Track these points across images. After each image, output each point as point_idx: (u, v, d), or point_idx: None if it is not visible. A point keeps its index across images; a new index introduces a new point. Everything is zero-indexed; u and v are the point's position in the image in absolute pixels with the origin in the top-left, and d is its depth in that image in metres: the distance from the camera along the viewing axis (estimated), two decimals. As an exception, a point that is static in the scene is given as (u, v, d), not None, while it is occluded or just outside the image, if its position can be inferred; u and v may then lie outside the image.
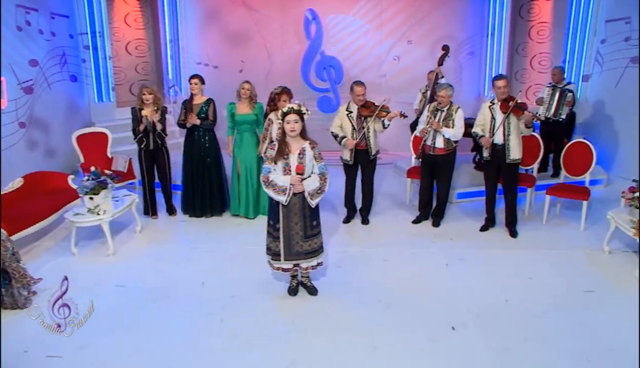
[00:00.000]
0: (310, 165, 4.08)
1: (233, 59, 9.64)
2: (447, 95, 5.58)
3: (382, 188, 7.45)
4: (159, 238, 5.73)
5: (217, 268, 4.94)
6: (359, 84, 5.68)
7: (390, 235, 5.75)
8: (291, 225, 4.14)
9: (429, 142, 5.71)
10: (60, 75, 7.86)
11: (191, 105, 6.10)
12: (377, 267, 4.96)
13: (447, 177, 5.83)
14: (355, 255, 5.22)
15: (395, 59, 9.61)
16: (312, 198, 4.07)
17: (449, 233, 5.78)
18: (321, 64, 9.53)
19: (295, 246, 4.18)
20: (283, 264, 4.25)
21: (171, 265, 5.04)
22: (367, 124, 5.71)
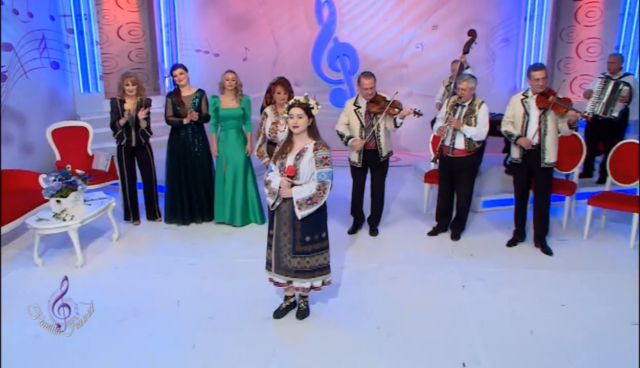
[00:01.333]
0: (308, 169, 3.84)
1: (236, 46, 9.51)
2: (469, 87, 5.30)
3: (398, 193, 7.22)
4: (137, 247, 5.59)
5: (198, 285, 4.78)
6: (367, 76, 5.44)
7: (400, 248, 5.52)
8: (280, 235, 3.96)
9: (448, 142, 5.44)
10: (40, 61, 7.80)
11: (179, 98, 5.94)
12: (381, 286, 4.73)
13: (469, 182, 5.55)
14: (357, 271, 5.01)
15: (418, 46, 9.35)
16: (300, 208, 3.83)
17: (470, 247, 5.52)
18: (334, 52, 9.33)
19: (284, 260, 3.99)
20: (274, 276, 4.07)
21: (146, 279, 4.88)
22: (376, 122, 5.47)
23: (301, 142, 3.88)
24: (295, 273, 3.98)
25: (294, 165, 3.83)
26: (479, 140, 5.36)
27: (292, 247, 3.93)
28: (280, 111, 5.62)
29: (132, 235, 5.90)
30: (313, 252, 3.96)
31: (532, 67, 5.20)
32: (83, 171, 5.39)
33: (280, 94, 5.57)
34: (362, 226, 6.00)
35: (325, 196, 3.84)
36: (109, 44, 9.39)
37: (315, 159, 3.81)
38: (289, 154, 3.88)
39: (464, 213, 5.71)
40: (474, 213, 6.40)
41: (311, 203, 3.80)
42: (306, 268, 3.97)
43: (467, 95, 5.33)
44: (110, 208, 5.58)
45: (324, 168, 3.82)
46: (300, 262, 3.95)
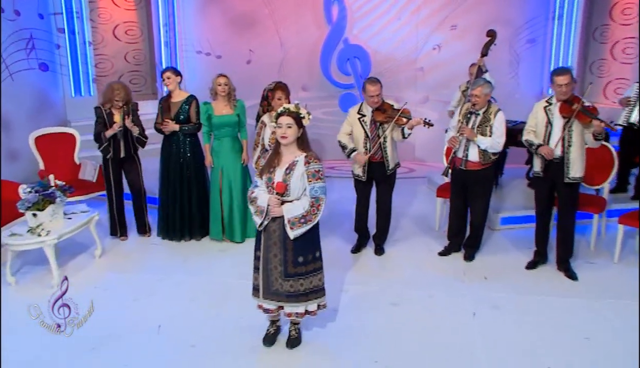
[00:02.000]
0: (299, 184, 3.73)
1: (239, 47, 9.45)
2: (483, 94, 5.14)
3: (409, 208, 7.10)
4: (122, 265, 5.52)
5: (183, 307, 4.67)
6: (373, 82, 5.32)
7: (407, 270, 5.37)
8: (269, 257, 3.84)
9: (460, 153, 5.28)
10: (27, 63, 7.81)
11: (168, 104, 5.87)
12: (382, 313, 4.57)
13: (483, 197, 5.39)
14: (357, 295, 4.87)
15: (435, 48, 9.20)
16: (293, 228, 3.72)
17: (484, 270, 5.34)
18: (345, 54, 9.22)
19: (274, 283, 3.86)
20: (263, 302, 3.94)
21: (127, 301, 4.78)
22: (383, 132, 5.32)
23: (290, 155, 3.78)
24: (287, 297, 3.85)
25: (283, 180, 3.72)
26: (494, 151, 5.19)
27: (284, 270, 3.81)
28: None
29: (117, 251, 5.83)
30: (307, 274, 3.84)
31: (555, 72, 5.01)
32: (63, 182, 5.31)
33: (282, 100, 5.48)
34: (367, 244, 5.86)
35: (320, 213, 3.73)
36: (104, 44, 9.38)
37: (307, 173, 3.71)
38: (277, 167, 3.77)
39: (479, 232, 5.53)
40: (492, 231, 6.25)
41: (304, 222, 3.70)
42: (300, 292, 3.85)
43: (481, 102, 5.17)
44: (93, 222, 5.50)
45: (317, 182, 3.71)
46: (293, 285, 3.83)
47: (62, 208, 5.26)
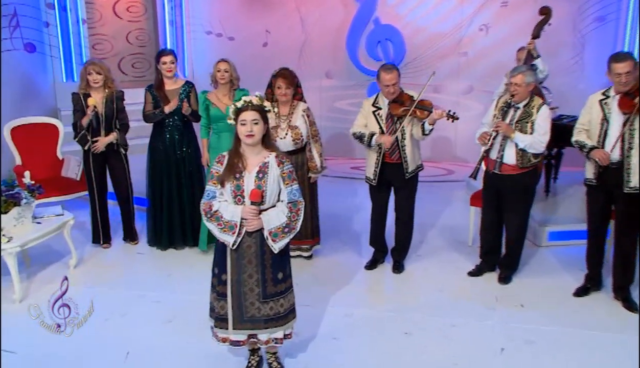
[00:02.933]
0: (274, 188, 3.62)
1: (255, 28, 9.41)
2: (525, 83, 4.87)
3: (441, 217, 6.91)
4: (98, 277, 5.46)
5: (158, 330, 4.56)
6: (388, 69, 5.13)
7: (428, 292, 5.17)
8: (243, 279, 3.67)
9: (495, 154, 5.03)
10: (10, 42, 7.85)
11: (162, 92, 5.77)
12: (391, 343, 4.37)
13: (520, 209, 5.13)
14: (363, 320, 4.69)
15: (482, 28, 8.91)
16: (275, 240, 3.60)
17: (522, 295, 5.09)
18: (375, 36, 9.07)
19: (250, 309, 3.69)
20: (231, 334, 3.76)
21: (97, 320, 4.64)
22: (400, 127, 5.10)
23: (257, 156, 3.65)
24: (266, 322, 3.72)
25: (257, 186, 3.57)
26: (535, 152, 4.92)
27: (262, 291, 3.67)
28: (283, 111, 5.42)
29: (96, 261, 5.79)
30: (286, 291, 3.78)
31: (613, 58, 4.70)
32: (32, 181, 5.26)
33: (281, 89, 5.36)
34: (385, 260, 5.67)
35: (301, 219, 3.67)
36: (103, 22, 9.40)
37: (282, 175, 3.63)
38: (244, 172, 3.62)
39: (515, 249, 5.28)
40: (537, 248, 6.02)
41: (289, 231, 3.63)
42: (280, 314, 3.75)
43: (521, 92, 4.90)
44: (67, 228, 5.45)
45: (293, 184, 3.67)
46: (273, 307, 3.72)
47: (31, 211, 5.20)
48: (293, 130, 5.35)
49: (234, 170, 3.61)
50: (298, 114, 5.40)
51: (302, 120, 5.38)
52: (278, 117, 5.41)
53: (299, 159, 5.48)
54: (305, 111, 5.41)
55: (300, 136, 5.36)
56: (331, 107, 9.25)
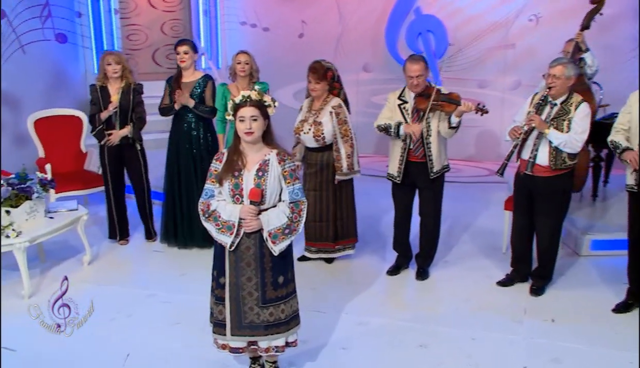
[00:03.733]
0: (275, 187, 3.54)
1: (290, 19, 9.39)
2: (564, 76, 4.64)
3: (476, 221, 6.73)
4: (110, 275, 5.48)
5: (164, 332, 4.53)
6: (414, 60, 4.96)
7: (452, 301, 4.99)
8: (241, 282, 3.60)
9: (527, 154, 4.80)
10: (41, 33, 7.99)
11: (179, 83, 5.77)
12: (404, 356, 4.21)
13: (553, 215, 4.89)
14: (377, 330, 4.55)
15: (532, 19, 8.62)
16: (275, 241, 3.52)
17: (554, 308, 4.84)
18: (415, 27, 8.85)
19: (249, 314, 3.61)
20: (230, 341, 3.69)
21: (103, 320, 4.67)
22: (427, 122, 4.93)
23: (257, 154, 3.58)
24: (266, 329, 3.63)
25: (256, 185, 3.49)
26: (571, 151, 4.68)
27: (262, 295, 3.59)
28: (315, 105, 5.35)
29: (110, 258, 5.82)
30: (287, 296, 3.69)
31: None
32: (45, 175, 5.31)
33: (311, 84, 5.30)
34: (410, 265, 5.51)
35: (303, 220, 3.60)
36: (137, 12, 9.49)
37: (283, 174, 3.55)
38: (243, 170, 3.55)
39: (547, 259, 5.04)
40: (577, 257, 5.77)
41: (289, 233, 3.55)
42: (281, 320, 3.66)
43: (559, 86, 4.67)
44: (81, 223, 5.48)
45: (295, 183, 3.59)
46: (273, 313, 3.62)
47: (43, 205, 5.24)
48: (316, 126, 5.25)
49: (233, 168, 3.55)
50: (326, 110, 5.29)
51: (328, 117, 5.27)
52: (309, 111, 5.32)
53: (324, 158, 5.39)
54: (335, 108, 5.28)
55: (321, 133, 5.25)
56: (368, 102, 9.09)
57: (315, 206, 5.45)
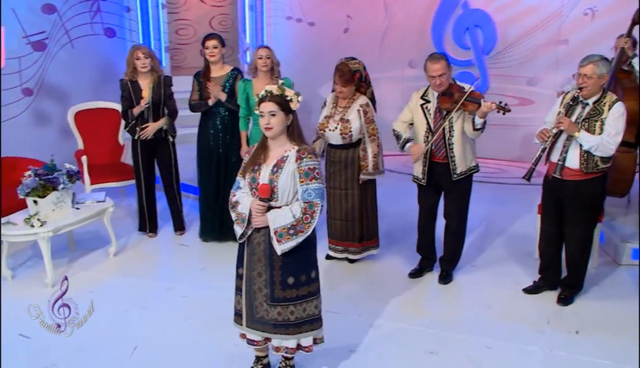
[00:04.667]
0: (289, 185, 3.48)
1: (336, 13, 9.29)
2: (596, 74, 4.37)
3: (513, 225, 6.46)
4: (134, 267, 5.53)
5: (175, 327, 4.53)
6: (434, 59, 4.79)
7: (472, 307, 4.81)
8: (252, 276, 3.60)
9: (556, 156, 4.57)
10: (90, 27, 8.15)
11: (208, 78, 5.76)
12: (410, 363, 4.08)
13: (584, 221, 4.65)
14: (389, 334, 4.43)
15: (587, 13, 8.23)
16: (280, 240, 3.46)
17: (581, 320, 4.60)
18: (463, 22, 8.67)
19: (259, 309, 3.61)
20: (247, 332, 3.72)
21: (117, 311, 4.75)
22: (450, 123, 4.77)
23: (279, 149, 3.55)
24: (274, 327, 3.61)
25: (269, 181, 3.46)
26: (603, 155, 4.42)
27: (270, 293, 3.57)
28: (342, 103, 5.28)
29: (136, 250, 5.88)
30: (299, 299, 3.60)
31: None
32: (73, 166, 5.39)
33: (337, 86, 5.20)
34: (435, 268, 5.35)
35: (314, 222, 3.47)
36: (187, 7, 9.59)
37: (298, 172, 3.47)
38: (262, 165, 3.53)
39: (576, 267, 4.79)
40: (616, 267, 5.49)
41: (295, 234, 3.45)
42: (290, 322, 3.60)
43: (591, 86, 4.41)
44: (107, 215, 5.56)
45: (310, 183, 3.47)
46: (281, 313, 3.58)
47: (70, 196, 5.33)
48: (343, 123, 5.16)
49: (255, 162, 3.56)
50: (354, 108, 5.19)
51: (355, 115, 5.17)
52: (335, 107, 5.25)
53: (348, 155, 5.29)
54: (362, 106, 5.18)
55: (349, 131, 5.15)
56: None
57: (341, 205, 5.38)
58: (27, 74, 7.53)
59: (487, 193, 7.26)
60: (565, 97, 4.65)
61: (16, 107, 7.41)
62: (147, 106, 5.71)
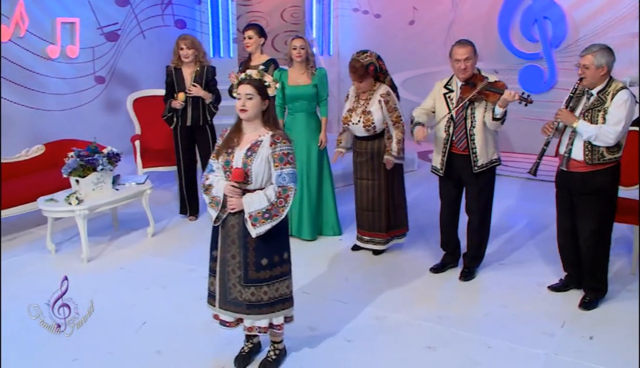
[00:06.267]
0: (262, 169, 3.51)
1: (402, 5, 9.16)
2: (594, 65, 4.14)
3: (553, 222, 5.99)
4: (166, 248, 5.71)
5: (186, 306, 4.63)
6: (461, 43, 4.64)
7: (486, 305, 4.63)
8: (226, 259, 3.64)
9: (564, 148, 4.34)
10: (161, 19, 8.46)
11: (247, 67, 5.84)
12: (405, 357, 3.96)
13: (594, 215, 4.35)
14: (391, 326, 4.33)
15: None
16: (255, 224, 3.48)
17: (599, 325, 4.30)
18: (531, 14, 8.27)
19: (232, 291, 3.65)
20: (220, 313, 3.75)
21: (140, 288, 4.91)
22: (472, 112, 4.59)
23: (253, 133, 3.58)
24: (248, 308, 3.64)
25: (243, 164, 3.49)
26: (603, 145, 4.18)
27: (244, 274, 3.60)
28: (363, 95, 5.23)
29: (173, 232, 6.06)
30: (272, 280, 3.64)
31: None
32: (114, 149, 5.60)
33: (355, 83, 5.19)
34: (459, 264, 5.17)
35: (288, 206, 3.53)
36: (259, 0, 9.70)
37: (273, 157, 3.50)
38: (236, 148, 3.56)
39: (593, 263, 4.49)
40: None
41: (269, 217, 3.49)
42: (263, 301, 3.64)
43: (590, 77, 4.20)
44: (145, 197, 5.75)
45: (285, 168, 3.51)
46: (254, 293, 3.62)
47: (110, 177, 5.55)
48: (365, 115, 5.10)
49: (228, 145, 3.59)
50: (375, 98, 5.13)
51: (377, 105, 5.10)
52: (357, 100, 5.19)
53: (374, 146, 5.23)
54: (383, 96, 5.10)
55: (371, 123, 5.08)
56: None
57: (368, 195, 5.32)
58: (100, 63, 7.93)
59: (533, 191, 7.07)
60: (577, 87, 4.38)
61: (89, 94, 7.84)
62: (181, 107, 5.89)
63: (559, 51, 8.08)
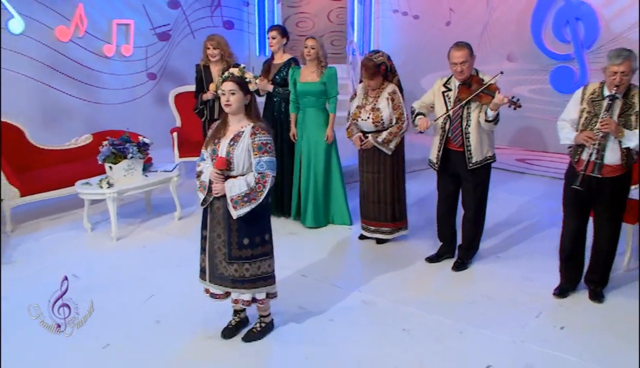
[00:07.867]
0: (243, 157, 3.79)
1: (439, 7, 9.16)
2: (631, 70, 4.06)
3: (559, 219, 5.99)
4: (189, 231, 5.97)
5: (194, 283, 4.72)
6: (458, 46, 4.75)
7: (470, 295, 4.69)
8: (213, 238, 3.96)
9: (588, 154, 4.22)
10: (210, 20, 8.84)
11: (269, 65, 6.10)
12: (382, 337, 4.15)
13: (617, 215, 4.41)
14: (375, 310, 4.51)
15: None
16: (236, 207, 3.78)
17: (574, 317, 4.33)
18: (563, 15, 8.04)
19: (219, 266, 3.96)
20: (210, 287, 4.07)
21: (157, 267, 5.24)
22: (467, 112, 4.71)
23: (237, 125, 3.87)
24: (232, 282, 3.95)
25: (227, 153, 3.78)
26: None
27: (228, 252, 3.91)
28: (372, 93, 5.37)
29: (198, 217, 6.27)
30: (253, 258, 3.93)
31: None
32: (146, 139, 5.97)
33: (365, 81, 5.33)
34: (455, 255, 5.26)
35: (266, 191, 3.80)
36: (307, 1, 9.95)
37: (252, 146, 3.77)
38: (222, 138, 3.85)
39: (606, 261, 4.51)
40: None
41: (248, 201, 3.77)
42: (245, 278, 3.92)
43: (626, 83, 4.09)
44: (173, 183, 6.11)
45: (263, 156, 3.77)
46: (237, 270, 3.92)
47: (140, 164, 5.92)
48: (374, 112, 5.25)
49: (216, 136, 3.88)
50: (383, 96, 5.27)
51: (385, 103, 5.25)
52: (366, 98, 5.35)
53: None
54: (390, 94, 5.26)
55: (380, 119, 5.24)
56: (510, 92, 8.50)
57: (374, 188, 5.47)
58: (152, 61, 8.39)
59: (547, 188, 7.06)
60: (585, 93, 4.33)
61: (141, 89, 8.30)
62: (212, 97, 6.16)
63: (590, 52, 7.91)
